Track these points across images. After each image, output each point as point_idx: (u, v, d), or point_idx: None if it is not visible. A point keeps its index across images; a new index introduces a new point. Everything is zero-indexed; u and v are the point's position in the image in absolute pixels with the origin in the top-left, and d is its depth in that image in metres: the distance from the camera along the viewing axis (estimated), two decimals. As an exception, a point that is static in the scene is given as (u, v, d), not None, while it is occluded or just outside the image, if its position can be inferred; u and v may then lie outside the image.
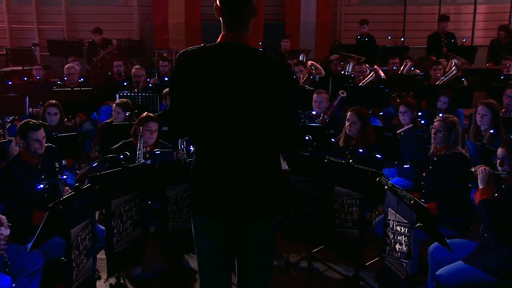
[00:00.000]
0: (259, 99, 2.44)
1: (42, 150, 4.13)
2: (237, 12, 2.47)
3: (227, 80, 2.43)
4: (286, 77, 2.49)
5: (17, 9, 12.12)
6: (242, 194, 2.51)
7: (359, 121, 4.97)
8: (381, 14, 11.89)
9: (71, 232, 3.31)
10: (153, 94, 7.04)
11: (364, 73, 8.07)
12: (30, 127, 4.08)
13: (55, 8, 12.02)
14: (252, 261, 2.66)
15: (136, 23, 12.09)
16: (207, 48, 2.48)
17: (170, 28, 11.68)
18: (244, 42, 2.49)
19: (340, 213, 4.16)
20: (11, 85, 8.12)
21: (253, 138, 2.49)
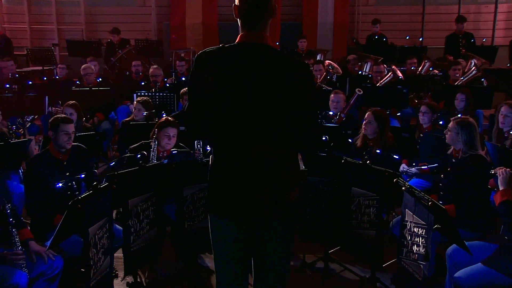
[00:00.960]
0: (278, 99, 2.44)
1: (69, 145, 4.19)
2: (256, 12, 2.47)
3: (245, 80, 2.43)
4: (304, 77, 2.49)
5: (38, 10, 12.29)
6: (259, 194, 2.51)
7: (375, 121, 4.95)
8: (399, 14, 11.82)
9: (88, 231, 3.34)
10: (170, 94, 7.08)
11: (382, 73, 8.03)
12: (62, 120, 4.19)
13: (74, 8, 12.17)
14: (268, 261, 2.66)
15: (153, 23, 12.17)
16: (226, 48, 2.49)
17: (187, 28, 11.74)
18: (263, 42, 2.49)
19: (357, 214, 4.14)
20: (31, 84, 8.23)
21: (270, 138, 2.49)
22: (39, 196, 4.02)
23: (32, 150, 6.00)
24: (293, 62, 2.49)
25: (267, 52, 2.48)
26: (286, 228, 2.62)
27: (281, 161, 2.53)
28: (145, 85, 8.09)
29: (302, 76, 2.48)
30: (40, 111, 7.07)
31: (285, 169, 2.55)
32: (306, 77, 2.51)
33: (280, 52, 2.57)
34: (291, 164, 2.58)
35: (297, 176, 2.63)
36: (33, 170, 4.07)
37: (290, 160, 2.58)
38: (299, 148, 2.67)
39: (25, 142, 5.27)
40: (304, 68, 2.53)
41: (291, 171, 2.58)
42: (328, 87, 7.55)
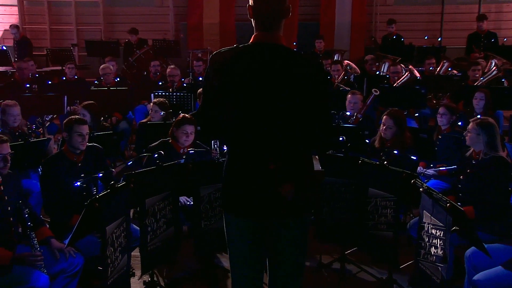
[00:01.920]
0: (291, 99, 2.44)
1: (83, 146, 4.22)
2: (270, 12, 2.47)
3: (259, 80, 2.43)
4: (318, 77, 2.49)
5: (58, 10, 12.43)
6: (274, 194, 2.51)
7: (395, 125, 4.93)
8: (418, 13, 11.72)
9: (106, 229, 3.36)
10: (187, 94, 7.10)
11: (399, 73, 7.97)
12: (76, 121, 4.21)
13: (93, 9, 12.28)
14: (283, 261, 2.66)
15: (171, 23, 12.23)
16: (240, 48, 2.50)
17: (204, 28, 11.77)
18: (277, 42, 2.49)
19: (374, 215, 4.11)
20: (50, 84, 8.33)
21: (285, 138, 2.49)
22: (55, 197, 4.05)
23: (51, 149, 6.07)
24: (307, 62, 2.49)
25: (281, 52, 2.48)
26: (301, 228, 2.62)
27: (295, 161, 2.52)
28: (162, 85, 8.13)
29: (316, 75, 2.47)
30: (59, 110, 7.15)
31: (300, 168, 2.54)
32: (320, 76, 2.51)
33: (294, 52, 2.58)
34: (305, 164, 2.58)
35: (312, 176, 2.62)
36: (49, 172, 4.11)
37: (305, 159, 2.58)
38: (313, 148, 2.66)
39: (44, 141, 5.34)
40: (318, 68, 2.53)
41: (306, 171, 2.57)
42: (346, 87, 7.52)
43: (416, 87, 7.19)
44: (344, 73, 8.06)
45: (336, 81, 7.95)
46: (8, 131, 5.35)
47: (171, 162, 4.18)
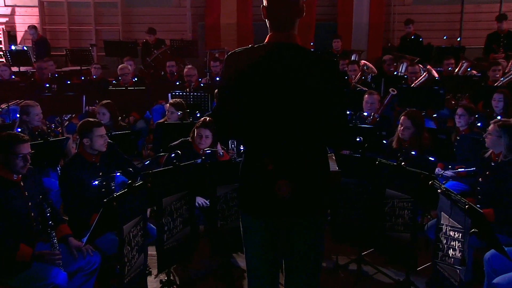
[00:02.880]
0: (307, 97, 2.44)
1: (105, 147, 4.27)
2: (284, 12, 2.48)
3: (275, 79, 2.43)
4: (333, 75, 2.48)
5: (77, 11, 12.56)
6: (296, 192, 2.50)
7: (413, 126, 4.89)
8: (437, 13, 11.60)
9: (123, 228, 3.39)
10: (204, 94, 7.13)
11: (417, 74, 7.91)
12: (95, 123, 4.26)
13: (111, 9, 12.39)
14: (299, 261, 2.66)
15: (189, 24, 12.28)
16: (256, 48, 2.50)
17: (222, 28, 11.80)
18: (292, 41, 2.49)
19: (391, 216, 4.09)
20: (69, 84, 8.42)
21: (300, 137, 2.49)
22: (75, 198, 4.09)
23: (70, 148, 6.14)
24: (322, 61, 2.49)
25: (296, 51, 2.48)
26: (317, 228, 2.62)
27: (310, 160, 2.52)
28: (179, 85, 8.17)
29: (330, 73, 2.47)
30: (78, 110, 7.22)
31: (315, 168, 2.54)
32: (335, 74, 2.51)
33: (308, 51, 2.57)
34: (321, 163, 2.57)
35: (328, 176, 2.61)
36: (68, 174, 4.15)
37: (321, 159, 2.57)
38: (328, 146, 2.65)
39: (63, 141, 5.41)
40: (333, 66, 2.52)
41: (322, 170, 2.57)
42: (362, 88, 7.48)
43: (434, 88, 7.13)
44: (361, 73, 8.03)
45: (353, 81, 7.92)
46: (27, 130, 5.42)
47: (189, 161, 4.20)
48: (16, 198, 3.51)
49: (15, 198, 3.50)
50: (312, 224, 2.60)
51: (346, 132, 2.61)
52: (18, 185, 3.58)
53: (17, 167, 3.53)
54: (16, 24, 12.65)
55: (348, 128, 2.60)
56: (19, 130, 5.16)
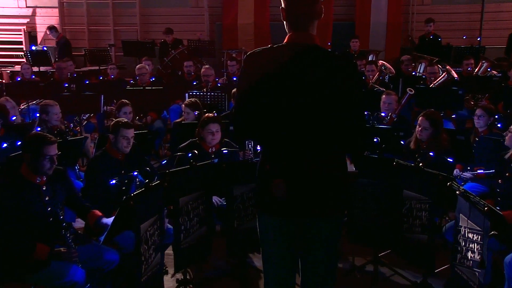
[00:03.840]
0: (325, 98, 2.43)
1: (128, 149, 4.31)
2: (303, 14, 2.49)
3: (293, 80, 2.43)
4: (352, 76, 2.48)
5: (96, 12, 12.69)
6: (307, 193, 2.51)
7: (431, 127, 4.84)
8: (456, 13, 11.47)
9: (140, 227, 3.41)
10: (221, 94, 7.15)
11: (436, 74, 7.82)
12: (123, 124, 4.30)
13: (130, 10, 12.49)
14: (315, 261, 2.65)
15: (206, 24, 12.33)
16: (275, 48, 2.51)
17: (239, 29, 11.82)
18: (311, 42, 2.49)
19: (408, 217, 4.05)
20: (88, 84, 8.51)
21: (318, 138, 2.48)
22: (96, 195, 4.14)
23: (88, 148, 6.20)
24: (340, 61, 2.49)
25: (315, 52, 2.48)
26: (333, 228, 2.61)
27: (328, 161, 2.51)
28: (196, 85, 8.20)
29: (349, 75, 2.47)
30: (96, 109, 7.29)
31: (333, 168, 2.53)
32: (354, 76, 2.50)
33: (327, 51, 2.57)
34: (338, 164, 2.56)
35: (346, 176, 2.60)
36: (94, 171, 4.21)
37: (337, 159, 2.56)
38: (346, 148, 2.64)
39: (81, 140, 5.46)
40: (352, 67, 2.52)
41: (339, 171, 2.56)
42: (380, 88, 7.43)
43: (453, 88, 7.05)
44: (378, 73, 7.98)
45: (370, 82, 7.87)
46: (46, 129, 5.48)
47: (202, 161, 4.21)
48: (35, 203, 3.52)
49: (33, 202, 3.51)
50: (329, 225, 2.59)
51: (364, 134, 2.60)
52: (40, 189, 3.58)
53: (44, 168, 3.54)
54: (37, 25, 12.82)
55: (366, 130, 2.59)
56: (38, 130, 5.23)
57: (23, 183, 3.52)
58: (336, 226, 2.62)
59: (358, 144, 2.60)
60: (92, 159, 4.51)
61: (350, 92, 2.45)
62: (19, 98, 7.70)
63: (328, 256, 2.65)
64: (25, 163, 3.57)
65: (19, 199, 3.43)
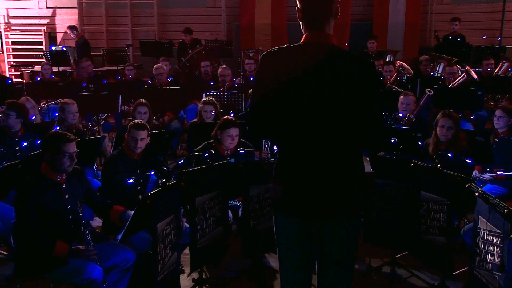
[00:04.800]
0: (342, 98, 2.42)
1: (138, 150, 4.35)
2: (319, 13, 2.48)
3: (309, 79, 2.43)
4: (370, 76, 2.46)
5: (114, 12, 12.80)
6: (324, 194, 2.50)
7: (455, 126, 4.78)
8: (476, 12, 11.33)
9: (157, 227, 3.43)
10: (238, 94, 7.15)
11: (455, 74, 7.73)
12: (134, 126, 4.34)
13: (148, 10, 12.57)
14: (332, 262, 2.64)
15: (223, 24, 12.35)
16: (291, 48, 2.50)
17: (256, 29, 11.82)
18: (328, 42, 2.48)
19: (426, 219, 4.01)
20: (106, 84, 8.58)
21: (335, 138, 2.47)
22: (115, 195, 4.17)
23: (106, 147, 6.25)
24: (358, 61, 2.48)
25: (332, 51, 2.47)
26: (350, 229, 2.59)
27: (345, 161, 2.50)
28: (213, 85, 8.22)
29: (367, 75, 2.45)
30: (113, 109, 7.34)
31: (350, 169, 2.52)
32: (371, 76, 2.48)
33: (344, 51, 2.56)
34: (354, 165, 2.55)
35: (363, 177, 2.58)
36: (110, 170, 4.24)
37: (355, 160, 2.55)
38: (363, 147, 2.62)
39: (99, 139, 5.50)
40: (370, 67, 2.50)
41: (356, 172, 2.55)
42: (398, 88, 7.38)
43: (472, 88, 6.97)
44: (396, 74, 7.92)
45: (388, 82, 7.82)
46: (65, 128, 5.54)
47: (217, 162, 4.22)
48: (55, 200, 3.57)
49: (54, 200, 3.56)
50: (346, 226, 2.58)
51: (382, 134, 2.58)
52: (60, 187, 3.64)
53: (64, 166, 3.59)
54: (57, 26, 12.97)
55: (384, 130, 2.57)
56: (57, 129, 5.28)
57: (43, 181, 3.56)
58: (352, 227, 2.60)
59: (375, 144, 2.59)
60: (109, 159, 4.57)
61: (367, 92, 2.43)
62: (39, 98, 7.81)
63: (345, 257, 2.64)
64: (44, 162, 3.62)
65: (40, 197, 3.48)
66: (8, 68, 12.72)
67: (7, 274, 4.28)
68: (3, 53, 12.82)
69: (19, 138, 5.06)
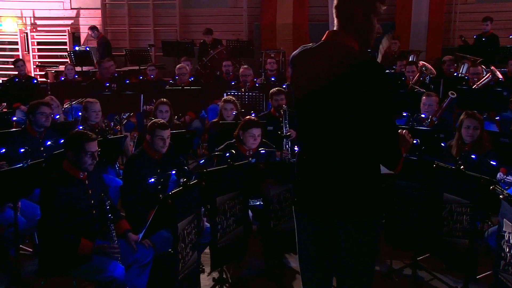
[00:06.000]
0: (348, 101, 2.40)
1: (164, 149, 4.37)
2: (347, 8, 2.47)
3: (320, 80, 2.43)
4: (376, 81, 2.36)
5: (136, 12, 12.91)
6: (338, 194, 2.50)
7: (480, 126, 4.72)
8: (502, 11, 11.12)
9: (178, 226, 3.45)
10: (259, 94, 7.15)
11: (479, 75, 7.61)
12: (159, 125, 4.36)
13: (169, 10, 12.65)
14: (351, 263, 2.63)
15: (245, 24, 12.36)
16: (311, 47, 2.53)
17: (277, 29, 11.81)
18: (344, 42, 2.46)
19: (449, 221, 3.96)
20: (128, 83, 8.66)
21: (350, 139, 2.46)
22: (134, 193, 4.21)
23: (128, 146, 6.31)
24: (366, 64, 2.38)
25: (341, 52, 2.44)
26: (369, 230, 2.57)
27: (361, 162, 2.49)
28: (235, 85, 8.24)
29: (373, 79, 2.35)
30: (135, 108, 7.41)
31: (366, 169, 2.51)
32: (378, 80, 2.37)
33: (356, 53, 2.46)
34: (370, 167, 2.52)
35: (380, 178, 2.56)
36: (131, 169, 4.29)
37: (370, 163, 2.52)
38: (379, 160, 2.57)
39: (121, 138, 5.56)
40: (378, 71, 2.38)
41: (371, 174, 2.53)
42: (420, 89, 7.30)
43: (497, 89, 6.85)
44: (419, 74, 7.83)
45: (410, 82, 7.74)
46: (88, 128, 5.60)
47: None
48: (80, 196, 3.64)
49: (79, 196, 3.63)
50: (364, 227, 2.56)
51: (390, 145, 2.46)
52: (83, 183, 3.71)
53: (86, 164, 3.67)
54: (80, 26, 13.14)
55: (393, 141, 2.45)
56: (80, 128, 5.35)
57: (67, 179, 3.64)
58: (370, 228, 2.58)
59: (385, 155, 2.50)
60: (130, 158, 4.61)
61: (372, 100, 2.35)
62: (62, 98, 7.91)
63: (363, 259, 2.62)
64: (66, 160, 3.69)
65: (65, 194, 3.55)
66: (33, 68, 12.94)
67: (32, 270, 4.35)
68: (29, 54, 13.04)
69: (43, 137, 5.14)
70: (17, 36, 13.11)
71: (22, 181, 3.99)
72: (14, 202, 3.99)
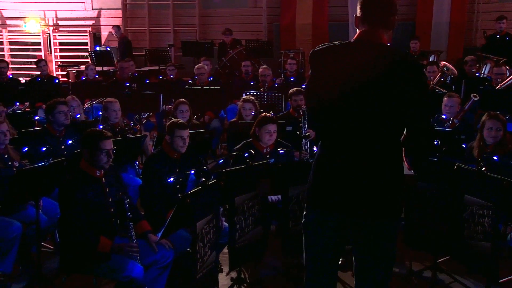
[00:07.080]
0: (387, 99, 2.40)
1: (184, 149, 4.38)
2: (379, 8, 2.50)
3: (354, 78, 2.42)
4: (416, 79, 2.43)
5: (157, 12, 13.01)
6: (361, 193, 2.49)
7: (503, 127, 4.65)
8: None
9: (196, 225, 3.46)
10: (278, 94, 7.15)
11: (503, 75, 7.49)
12: (178, 125, 4.37)
13: (189, 10, 12.72)
14: (369, 264, 2.62)
15: (264, 24, 12.37)
16: (340, 45, 2.52)
17: (297, 29, 11.78)
18: (379, 40, 2.47)
19: (470, 223, 3.91)
20: (148, 83, 8.72)
21: (377, 139, 2.46)
22: (153, 193, 4.23)
23: (147, 146, 6.35)
24: (406, 62, 2.45)
25: (380, 51, 2.45)
26: (388, 231, 2.56)
27: (385, 162, 2.48)
28: (254, 85, 8.24)
29: (414, 77, 2.42)
30: (155, 108, 7.46)
31: (389, 170, 2.50)
32: (419, 79, 2.45)
33: (394, 51, 2.51)
34: (395, 167, 2.52)
35: (402, 179, 2.55)
36: (150, 169, 4.31)
37: (394, 163, 2.52)
38: (409, 152, 2.59)
39: (141, 138, 5.59)
40: (418, 70, 2.47)
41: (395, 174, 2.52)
42: (441, 90, 7.21)
43: (521, 90, 6.74)
44: (440, 74, 7.74)
45: (431, 83, 7.66)
46: (108, 127, 5.66)
47: (256, 162, 4.22)
48: (98, 194, 3.68)
49: (96, 194, 3.67)
50: (383, 228, 2.55)
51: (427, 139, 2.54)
52: (100, 181, 3.75)
53: (101, 162, 3.71)
54: (101, 26, 13.29)
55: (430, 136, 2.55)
56: (101, 127, 5.40)
57: (84, 177, 3.68)
58: (391, 229, 2.57)
59: (421, 148, 2.55)
60: (149, 158, 4.63)
61: (413, 95, 2.40)
62: (83, 97, 8.00)
63: (382, 260, 2.61)
64: (83, 158, 3.74)
65: (82, 192, 3.59)
66: (55, 68, 13.12)
67: (53, 268, 4.41)
68: (51, 54, 13.23)
69: (63, 136, 5.20)
70: (40, 37, 13.32)
71: (43, 180, 4.05)
72: (36, 200, 4.06)
